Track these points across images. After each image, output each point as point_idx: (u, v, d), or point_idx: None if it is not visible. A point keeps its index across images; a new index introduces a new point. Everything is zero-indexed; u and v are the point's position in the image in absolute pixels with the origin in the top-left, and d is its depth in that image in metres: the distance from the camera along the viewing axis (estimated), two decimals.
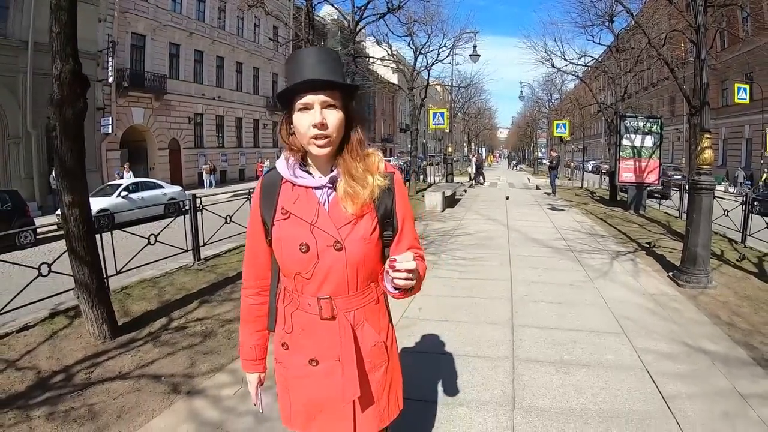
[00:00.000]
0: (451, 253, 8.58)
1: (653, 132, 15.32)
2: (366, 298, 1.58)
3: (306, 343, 1.57)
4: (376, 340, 1.59)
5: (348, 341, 1.52)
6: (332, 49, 1.69)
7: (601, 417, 3.23)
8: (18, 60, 18.49)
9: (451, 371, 3.96)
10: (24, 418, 3.36)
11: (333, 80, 1.42)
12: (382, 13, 16.29)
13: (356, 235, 1.50)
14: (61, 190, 4.46)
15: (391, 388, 1.65)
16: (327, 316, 1.53)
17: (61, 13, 4.30)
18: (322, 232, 1.48)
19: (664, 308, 5.56)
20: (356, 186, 1.48)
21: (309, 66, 1.43)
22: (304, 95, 1.42)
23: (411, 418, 3.17)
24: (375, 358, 1.59)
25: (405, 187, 1.68)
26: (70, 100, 4.33)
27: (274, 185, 1.58)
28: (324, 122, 1.42)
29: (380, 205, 1.54)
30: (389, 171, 1.60)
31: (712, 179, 6.44)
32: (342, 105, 1.47)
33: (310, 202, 1.52)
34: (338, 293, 1.52)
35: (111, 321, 4.81)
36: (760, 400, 3.46)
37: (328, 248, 1.48)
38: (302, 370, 1.58)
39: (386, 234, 1.58)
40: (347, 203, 1.48)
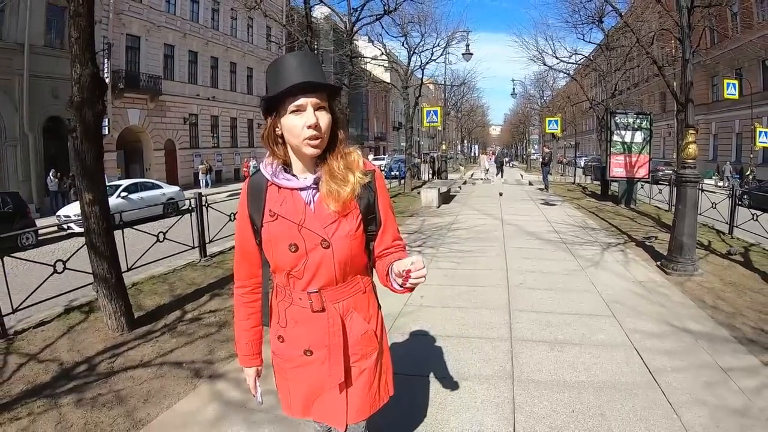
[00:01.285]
0: (448, 246, 8.87)
1: (643, 128, 15.63)
2: (353, 288, 1.67)
3: (300, 335, 1.65)
4: (366, 329, 1.68)
5: (336, 330, 1.62)
6: (313, 53, 1.78)
7: (592, 388, 3.54)
8: (13, 62, 18.61)
9: (455, 351, 4.24)
10: (52, 406, 3.54)
11: (324, 82, 1.50)
12: (379, 15, 16.49)
13: (342, 233, 1.57)
14: (81, 189, 4.70)
15: (382, 374, 1.74)
16: (318, 309, 1.61)
17: (80, 19, 4.47)
18: (309, 231, 1.55)
19: (652, 293, 5.88)
20: (337, 185, 1.54)
21: (299, 70, 1.48)
22: (298, 97, 1.48)
23: (422, 390, 3.48)
24: (366, 345, 1.68)
25: (385, 183, 1.76)
26: (90, 102, 4.54)
27: (260, 188, 1.65)
28: (318, 123, 1.49)
29: (362, 201, 1.61)
30: (369, 169, 1.67)
31: (696, 172, 6.77)
32: (329, 106, 1.54)
33: (296, 203, 1.59)
34: (326, 286, 1.61)
35: (128, 314, 5.05)
36: (740, 373, 3.76)
37: (316, 246, 1.56)
38: (298, 360, 1.67)
39: (370, 229, 1.66)
40: (330, 202, 1.55)
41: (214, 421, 3.25)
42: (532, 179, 28.37)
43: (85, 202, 4.69)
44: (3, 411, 3.48)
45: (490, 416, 3.19)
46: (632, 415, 3.16)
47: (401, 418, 3.14)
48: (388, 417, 2.91)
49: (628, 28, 13.77)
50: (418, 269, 1.41)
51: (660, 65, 10.43)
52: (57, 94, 20.33)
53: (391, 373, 1.82)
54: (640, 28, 17.60)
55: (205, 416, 3.32)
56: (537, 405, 3.32)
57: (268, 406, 3.04)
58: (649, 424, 3.07)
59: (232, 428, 3.14)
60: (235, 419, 3.24)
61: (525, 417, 3.18)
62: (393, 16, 17.41)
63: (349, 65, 16.70)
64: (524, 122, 57.63)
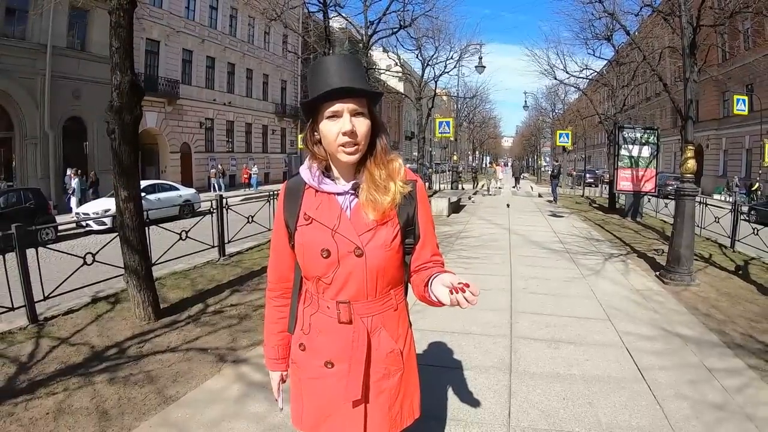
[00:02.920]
0: (457, 252, 9.23)
1: (650, 142, 15.88)
2: (385, 304, 1.59)
3: (323, 345, 1.59)
4: (392, 348, 1.60)
5: (361, 345, 1.55)
6: (355, 55, 1.69)
7: (584, 380, 3.87)
8: (36, 63, 19.09)
9: (459, 345, 4.60)
10: (87, 383, 3.86)
11: (362, 88, 1.44)
12: (395, 29, 16.88)
13: (377, 242, 1.51)
14: (118, 186, 5.09)
15: (405, 395, 1.65)
16: (345, 320, 1.55)
17: (121, 30, 4.87)
18: (343, 238, 1.50)
19: (648, 301, 6.18)
20: (377, 194, 1.49)
21: (336, 73, 1.44)
22: (334, 103, 1.44)
23: (428, 379, 3.80)
24: (390, 365, 1.60)
25: (426, 194, 1.69)
26: (128, 107, 4.93)
27: (297, 191, 1.61)
28: (354, 130, 1.44)
29: (402, 212, 1.55)
30: (412, 178, 1.61)
31: (694, 186, 7.10)
32: (369, 112, 1.50)
33: (332, 208, 1.54)
34: (357, 298, 1.54)
35: (155, 304, 5.42)
36: (724, 373, 4.06)
37: (348, 254, 1.50)
38: (317, 371, 1.59)
39: (407, 242, 1.59)
40: (369, 210, 1.50)
41: (239, 398, 3.61)
42: (542, 191, 28.62)
43: (120, 198, 5.07)
44: (39, 386, 3.79)
45: (489, 400, 3.55)
46: (618, 405, 3.49)
47: None
48: None
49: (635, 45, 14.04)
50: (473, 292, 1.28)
51: (665, 82, 10.70)
52: (78, 95, 20.90)
53: (418, 395, 1.73)
54: (651, 43, 17.91)
55: (231, 394, 3.67)
56: (531, 393, 3.67)
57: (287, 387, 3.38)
58: (634, 412, 3.39)
59: (255, 404, 3.49)
60: (258, 397, 3.59)
61: (519, 402, 3.53)
62: (408, 30, 17.75)
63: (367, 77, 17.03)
64: (536, 135, 57.83)
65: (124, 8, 4.87)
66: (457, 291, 1.28)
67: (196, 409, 3.43)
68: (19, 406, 3.49)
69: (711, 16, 10.77)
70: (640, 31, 17.58)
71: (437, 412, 3.36)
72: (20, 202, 13.46)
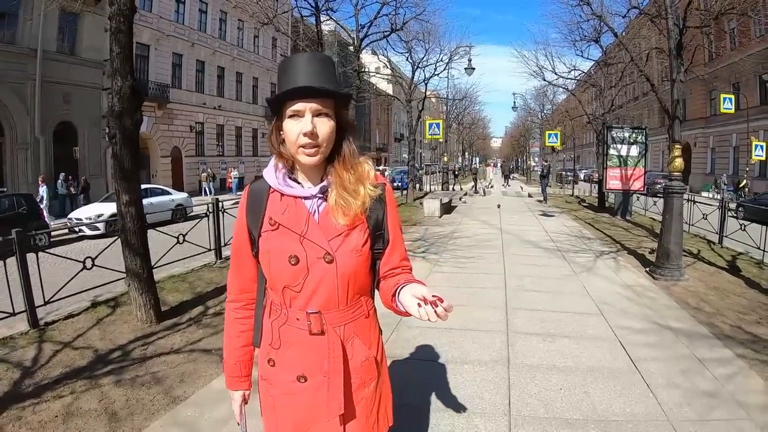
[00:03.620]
0: (451, 252, 9.36)
1: (638, 142, 16.12)
2: (356, 312, 1.54)
3: (294, 359, 1.51)
4: (367, 356, 1.55)
5: (337, 357, 1.48)
6: (327, 54, 1.63)
7: (579, 371, 4.02)
8: (27, 67, 18.99)
9: (458, 341, 4.72)
10: (93, 386, 3.90)
11: (326, 88, 1.38)
12: (386, 33, 16.98)
13: (347, 247, 1.46)
14: (119, 191, 5.15)
15: (381, 403, 1.61)
16: (316, 331, 1.47)
17: (121, 35, 4.93)
18: (312, 243, 1.44)
19: (639, 296, 6.35)
20: (348, 197, 1.45)
21: (302, 72, 1.40)
22: (295, 102, 1.39)
23: (429, 374, 3.96)
24: (365, 374, 1.55)
25: (395, 198, 1.66)
26: (129, 111, 4.99)
27: (261, 195, 1.54)
28: (314, 131, 1.39)
29: (372, 216, 1.51)
30: (380, 182, 1.56)
31: (682, 184, 7.29)
32: (334, 113, 1.44)
33: (299, 212, 1.48)
34: (328, 307, 1.48)
35: (157, 307, 5.47)
36: (714, 363, 4.21)
37: (318, 260, 1.44)
38: (289, 387, 1.52)
39: (376, 246, 1.55)
40: (338, 215, 1.45)
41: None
42: (532, 191, 28.87)
43: (122, 202, 5.14)
44: (46, 390, 3.82)
45: (489, 391, 3.68)
46: (613, 394, 3.63)
47: (414, 391, 3.60)
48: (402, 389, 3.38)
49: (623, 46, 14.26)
50: (446, 307, 1.25)
51: (653, 83, 10.90)
52: (68, 100, 20.85)
53: (390, 401, 1.69)
54: (639, 44, 18.13)
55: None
56: (529, 384, 3.81)
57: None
58: (628, 400, 3.53)
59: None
60: None
61: (518, 392, 3.66)
62: (399, 33, 17.87)
63: (357, 80, 17.13)
64: (525, 135, 58.21)
65: (125, 14, 4.92)
66: (428, 304, 1.26)
67: (205, 408, 3.50)
68: (26, 410, 3.51)
69: (697, 17, 10.96)
70: (628, 32, 17.81)
71: (440, 404, 3.48)
72: (13, 207, 13.38)
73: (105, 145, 23.19)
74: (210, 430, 3.22)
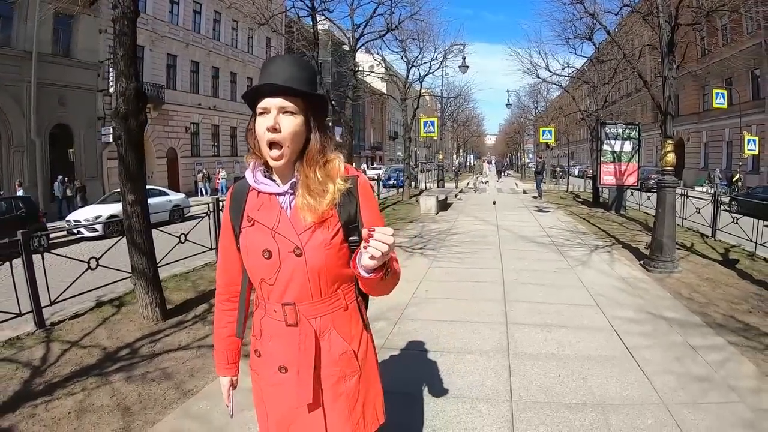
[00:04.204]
0: (448, 248, 9.50)
1: (632, 137, 16.30)
2: (333, 304, 1.57)
3: (275, 350, 1.56)
4: (345, 349, 1.57)
5: (308, 348, 1.52)
6: (305, 60, 1.65)
7: (576, 359, 4.17)
8: (22, 70, 18.99)
9: (459, 332, 4.88)
10: (104, 382, 3.98)
11: (290, 87, 1.43)
12: (382, 33, 17.08)
13: (316, 241, 1.49)
14: (125, 191, 5.25)
15: (367, 400, 1.62)
16: (291, 323, 1.53)
17: (125, 39, 5.04)
18: (283, 238, 1.49)
19: (633, 288, 6.51)
20: (312, 198, 1.48)
21: (274, 73, 1.46)
22: (264, 99, 1.45)
23: (432, 364, 4.10)
24: (344, 367, 1.57)
25: (371, 189, 1.66)
26: (134, 113, 5.10)
27: (242, 193, 1.61)
28: (277, 126, 1.43)
29: (343, 210, 1.53)
30: (352, 174, 1.60)
31: (674, 179, 7.46)
32: (304, 113, 1.48)
33: (272, 208, 1.53)
34: (302, 299, 1.52)
35: (162, 305, 5.57)
36: (706, 350, 4.36)
37: (289, 254, 1.49)
38: (274, 377, 1.57)
39: (352, 239, 1.55)
40: (305, 213, 1.48)
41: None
42: (527, 188, 29.07)
43: (128, 202, 5.24)
44: (57, 388, 3.90)
45: (491, 378, 3.83)
46: (610, 380, 3.78)
47: (419, 381, 3.76)
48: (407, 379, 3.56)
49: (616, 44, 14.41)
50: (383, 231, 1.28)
51: (645, 79, 11.06)
52: (64, 102, 20.86)
53: (380, 399, 1.70)
54: (632, 41, 18.28)
55: (246, 385, 3.83)
56: (529, 371, 3.96)
57: None
58: (624, 385, 3.68)
59: None
60: None
61: (519, 379, 3.82)
62: (394, 33, 17.97)
63: (353, 79, 17.22)
64: (519, 132, 58.38)
65: (128, 17, 5.03)
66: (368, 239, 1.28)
67: (216, 401, 3.58)
68: (39, 408, 3.57)
69: (689, 14, 11.11)
70: (621, 29, 17.96)
71: (445, 392, 3.63)
72: (11, 210, 13.43)
73: (101, 147, 23.26)
74: (223, 421, 3.31)
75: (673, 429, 3.09)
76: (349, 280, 1.61)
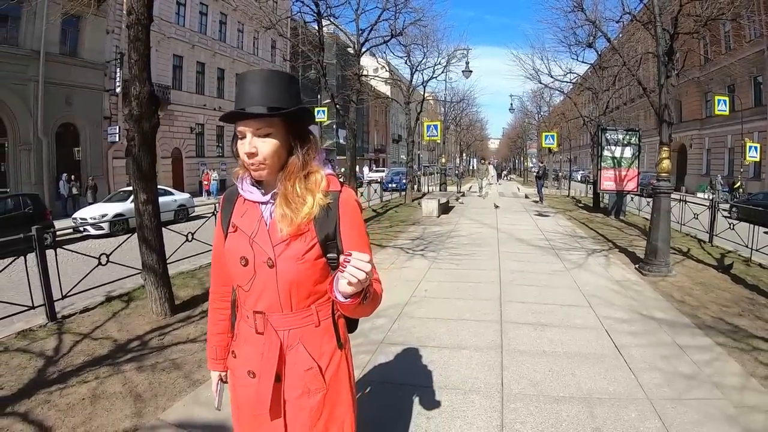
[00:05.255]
0: (448, 250, 9.71)
1: (632, 143, 16.48)
2: (304, 319, 1.56)
3: (246, 354, 1.60)
4: (310, 365, 1.55)
5: (271, 358, 1.52)
6: (282, 71, 1.63)
7: (567, 356, 4.37)
8: (29, 69, 19.23)
9: (455, 329, 5.09)
10: (116, 372, 4.15)
11: (261, 113, 1.44)
12: (386, 38, 17.27)
13: (289, 254, 1.49)
14: (137, 190, 5.47)
15: (332, 418, 1.59)
16: (260, 330, 1.55)
17: (139, 44, 5.23)
18: (259, 246, 1.51)
19: (626, 290, 6.70)
20: (288, 210, 1.48)
21: (247, 93, 1.46)
22: (239, 123, 1.47)
23: (428, 358, 4.30)
24: (309, 383, 1.55)
25: (355, 205, 1.62)
26: (147, 115, 5.30)
27: (231, 199, 1.65)
28: (254, 151, 1.46)
29: (321, 225, 1.52)
30: (334, 189, 1.57)
31: (669, 184, 7.66)
32: (282, 131, 1.49)
33: (253, 216, 1.56)
34: (272, 310, 1.53)
35: (171, 300, 5.76)
36: (694, 350, 4.54)
37: (263, 264, 1.50)
38: (244, 380, 1.60)
39: (330, 256, 1.55)
40: (283, 225, 1.49)
41: None
42: (529, 192, 29.24)
43: (140, 201, 5.45)
44: (70, 376, 4.08)
45: (484, 373, 4.03)
46: (598, 376, 3.97)
47: (416, 373, 3.99)
48: (405, 371, 3.77)
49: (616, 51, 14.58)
50: (360, 258, 1.28)
51: (645, 86, 11.20)
52: (70, 101, 21.11)
53: (350, 420, 1.65)
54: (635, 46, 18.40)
55: None
56: (521, 366, 4.16)
57: None
58: (611, 381, 3.87)
59: None
60: None
61: (511, 374, 4.01)
62: (398, 38, 18.14)
63: (357, 83, 17.39)
64: (522, 136, 58.53)
65: (142, 23, 5.23)
66: (344, 264, 1.28)
67: (224, 390, 3.77)
68: (54, 394, 3.72)
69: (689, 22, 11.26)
70: (622, 36, 18.11)
71: (440, 384, 3.83)
72: (19, 207, 13.60)
73: (106, 146, 23.48)
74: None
75: (655, 422, 3.26)
76: (326, 296, 1.59)
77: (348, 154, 16.59)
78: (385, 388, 3.80)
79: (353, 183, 17.04)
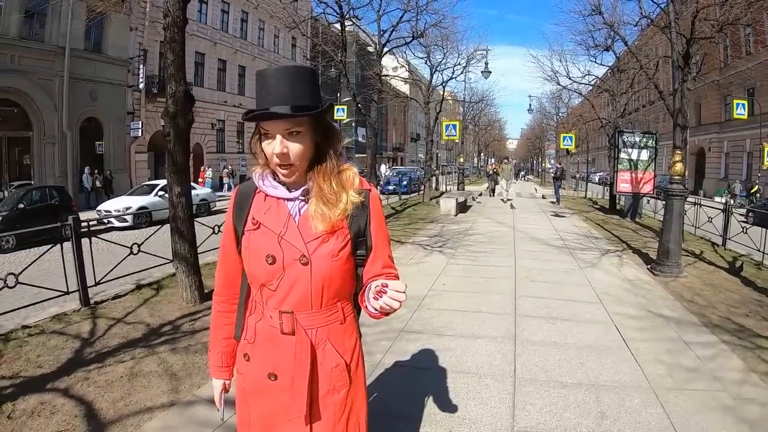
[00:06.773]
0: (465, 247, 9.98)
1: (648, 146, 16.50)
2: (331, 316, 1.55)
3: (266, 356, 1.53)
4: (338, 362, 1.55)
5: (304, 358, 1.49)
6: (304, 66, 1.56)
7: (576, 347, 4.61)
8: (55, 64, 19.78)
9: (471, 320, 5.36)
10: (151, 353, 4.41)
11: (289, 114, 1.39)
12: (408, 39, 17.55)
13: (324, 251, 1.47)
14: (171, 183, 5.77)
15: (352, 412, 1.59)
16: (287, 331, 1.50)
17: (175, 45, 5.56)
18: (289, 244, 1.46)
19: (637, 289, 6.90)
20: (325, 207, 1.46)
21: (273, 92, 1.40)
22: (266, 122, 1.42)
23: (446, 346, 4.58)
24: (335, 380, 1.55)
25: (381, 205, 1.65)
26: (182, 113, 5.62)
27: (247, 195, 1.58)
28: (285, 152, 1.41)
29: (353, 222, 1.52)
30: (365, 188, 1.57)
31: (682, 187, 7.80)
32: (311, 130, 1.46)
33: (280, 213, 1.51)
34: (301, 308, 1.50)
35: (200, 288, 6.03)
36: (699, 346, 4.73)
37: (294, 262, 1.46)
38: (261, 383, 1.54)
39: (359, 253, 1.55)
40: (317, 222, 1.46)
41: None
42: (546, 193, 29.30)
43: (174, 194, 5.75)
44: (107, 357, 4.34)
45: (498, 359, 4.30)
46: (605, 366, 4.20)
47: (433, 358, 4.27)
48: (423, 356, 4.10)
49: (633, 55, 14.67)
50: (396, 289, 1.31)
51: (661, 90, 11.35)
52: (95, 96, 21.69)
53: (364, 412, 1.66)
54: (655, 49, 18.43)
55: None
56: (532, 355, 4.42)
57: None
58: (617, 371, 4.10)
59: None
60: None
61: (523, 362, 4.27)
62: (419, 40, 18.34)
63: (378, 83, 17.62)
64: (540, 137, 58.39)
65: (178, 25, 5.56)
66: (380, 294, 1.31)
67: None
68: (92, 372, 3.94)
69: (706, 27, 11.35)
70: (640, 39, 18.14)
71: (456, 368, 4.10)
72: (45, 199, 14.07)
73: (129, 140, 23.97)
74: None
75: (657, 409, 3.48)
76: (350, 293, 1.62)
77: (368, 153, 16.85)
78: (405, 370, 4.08)
79: (374, 181, 17.24)
